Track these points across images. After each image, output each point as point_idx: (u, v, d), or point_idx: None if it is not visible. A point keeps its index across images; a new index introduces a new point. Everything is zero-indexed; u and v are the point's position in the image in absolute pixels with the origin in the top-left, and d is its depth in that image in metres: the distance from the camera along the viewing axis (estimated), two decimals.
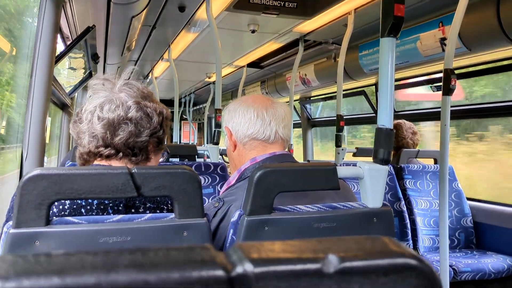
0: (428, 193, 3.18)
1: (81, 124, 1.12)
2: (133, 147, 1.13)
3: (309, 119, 5.48)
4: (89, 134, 1.11)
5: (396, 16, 1.25)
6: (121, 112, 1.10)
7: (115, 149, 1.11)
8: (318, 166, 1.16)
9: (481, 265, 2.61)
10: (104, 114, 1.09)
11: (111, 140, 1.10)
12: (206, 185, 2.27)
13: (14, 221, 0.88)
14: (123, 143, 1.11)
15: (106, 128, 1.09)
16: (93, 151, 1.11)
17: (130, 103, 1.11)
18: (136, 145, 1.13)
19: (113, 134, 1.09)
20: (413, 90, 4.24)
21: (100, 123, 1.09)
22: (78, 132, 1.13)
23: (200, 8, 3.01)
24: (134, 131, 1.11)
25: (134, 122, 1.11)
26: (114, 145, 1.10)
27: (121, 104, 1.10)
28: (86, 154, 1.13)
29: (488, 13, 2.38)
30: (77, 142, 1.16)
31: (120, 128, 1.10)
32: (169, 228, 0.97)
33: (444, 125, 2.12)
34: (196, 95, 7.81)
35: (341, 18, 3.09)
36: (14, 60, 2.34)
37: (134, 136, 1.11)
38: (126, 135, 1.10)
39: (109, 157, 1.12)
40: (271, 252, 0.30)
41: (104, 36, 3.40)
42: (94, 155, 1.12)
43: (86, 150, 1.12)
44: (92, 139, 1.10)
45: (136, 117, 1.11)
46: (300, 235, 1.11)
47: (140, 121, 1.12)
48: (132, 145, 1.12)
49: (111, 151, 1.11)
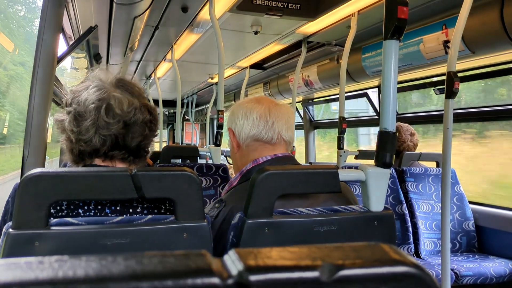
0: (430, 196, 3.16)
1: (86, 120, 1.06)
2: (142, 149, 1.14)
3: (311, 121, 5.47)
4: (101, 133, 1.06)
5: (399, 19, 1.24)
6: (138, 114, 1.09)
7: (129, 151, 1.11)
8: (319, 169, 1.15)
9: (483, 269, 2.60)
10: (117, 114, 1.06)
11: (128, 143, 1.09)
12: (207, 187, 2.26)
13: (14, 222, 0.87)
14: (137, 145, 1.11)
15: (123, 131, 1.07)
16: (106, 152, 1.08)
17: (141, 105, 1.11)
18: (145, 147, 1.14)
19: (130, 137, 1.09)
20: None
21: (115, 124, 1.06)
22: (82, 130, 1.06)
23: (203, 9, 3.01)
24: (148, 134, 1.12)
25: (148, 126, 1.12)
26: (130, 148, 1.10)
27: (133, 105, 1.09)
28: (89, 154, 1.10)
29: (491, 15, 2.37)
30: (76, 139, 1.08)
31: (136, 131, 1.09)
32: (169, 230, 0.97)
33: (446, 128, 2.11)
34: (198, 96, 7.81)
35: (344, 20, 3.08)
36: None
37: (146, 139, 1.13)
38: (141, 138, 1.11)
39: (116, 158, 1.11)
40: (268, 259, 0.29)
41: (107, 36, 3.40)
42: (103, 155, 1.09)
43: (92, 149, 1.08)
44: (104, 139, 1.06)
45: (149, 120, 1.12)
46: (300, 238, 1.10)
47: (151, 124, 1.14)
48: (142, 147, 1.13)
49: (125, 155, 1.10)
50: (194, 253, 0.29)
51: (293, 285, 0.28)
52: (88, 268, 0.25)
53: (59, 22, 1.97)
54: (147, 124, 1.12)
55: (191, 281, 0.26)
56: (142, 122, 1.10)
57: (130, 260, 0.27)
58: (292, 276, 0.28)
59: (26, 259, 0.26)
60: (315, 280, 0.28)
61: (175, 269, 0.26)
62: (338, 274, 0.29)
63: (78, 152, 1.11)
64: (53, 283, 0.24)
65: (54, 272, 0.24)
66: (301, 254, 0.31)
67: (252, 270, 0.28)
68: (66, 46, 3.33)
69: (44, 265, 0.25)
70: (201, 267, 0.27)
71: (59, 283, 0.24)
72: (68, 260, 0.26)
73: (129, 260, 0.26)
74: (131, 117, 1.08)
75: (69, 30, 3.28)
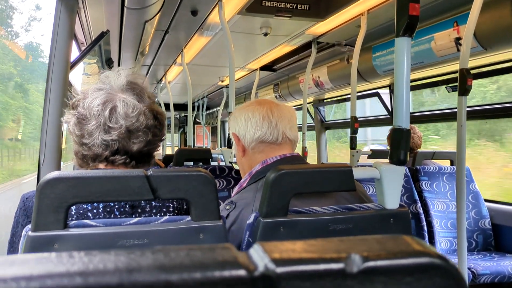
0: (445, 195, 3.14)
1: (89, 124, 1.05)
2: (146, 155, 1.13)
3: (322, 122, 5.46)
4: (103, 137, 1.05)
5: (411, 16, 1.24)
6: (142, 119, 1.07)
7: (131, 157, 1.09)
8: (334, 167, 1.15)
9: (500, 267, 2.57)
10: (120, 119, 1.05)
11: (129, 148, 1.07)
12: (220, 189, 2.27)
13: (33, 224, 0.89)
14: (139, 151, 1.09)
15: (125, 135, 1.05)
16: (107, 157, 1.07)
17: (146, 110, 1.09)
18: (148, 152, 1.13)
19: (131, 142, 1.07)
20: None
21: (117, 130, 1.04)
22: (84, 133, 1.06)
23: (212, 12, 3.02)
24: (151, 139, 1.10)
25: (152, 131, 1.10)
26: (132, 154, 1.09)
27: (137, 109, 1.07)
28: (91, 158, 1.08)
29: (504, 11, 2.34)
30: (79, 142, 1.08)
31: (138, 137, 1.07)
32: (186, 231, 0.97)
33: (460, 126, 2.09)
34: (209, 99, 7.84)
35: (354, 19, 3.08)
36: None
37: (149, 144, 1.11)
38: (144, 143, 1.09)
39: (118, 163, 1.09)
40: (293, 252, 0.30)
41: (118, 41, 3.43)
42: (104, 159, 1.08)
43: (94, 153, 1.07)
44: (106, 144, 1.05)
45: (152, 125, 1.10)
46: (316, 237, 1.09)
47: (155, 130, 1.11)
48: (145, 153, 1.12)
49: (127, 160, 1.09)
50: (220, 247, 0.29)
51: (319, 276, 0.28)
52: (117, 261, 0.25)
53: (72, 28, 1.99)
54: (150, 130, 1.09)
55: (218, 273, 0.26)
56: (145, 128, 1.08)
57: (158, 253, 0.27)
58: (318, 268, 0.28)
59: (57, 254, 0.26)
60: (341, 271, 0.28)
61: (202, 261, 0.27)
62: (364, 266, 0.29)
63: (82, 156, 1.10)
64: (84, 274, 0.24)
65: (84, 265, 0.25)
66: (325, 247, 0.31)
67: (278, 262, 0.28)
68: (78, 51, 3.37)
69: (74, 259, 0.26)
70: (227, 259, 0.28)
71: (90, 275, 0.24)
72: (98, 254, 0.26)
73: (156, 254, 0.27)
74: (134, 122, 1.06)
75: (81, 36, 3.31)
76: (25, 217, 1.09)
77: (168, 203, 1.14)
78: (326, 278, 0.28)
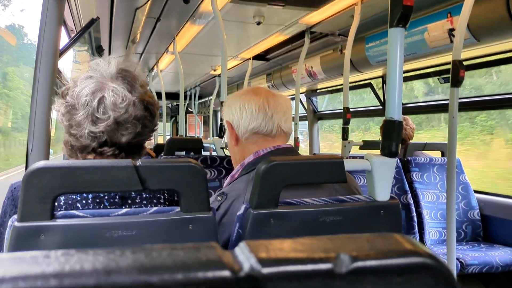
0: (435, 186, 3.16)
1: (77, 114, 1.02)
2: (135, 146, 1.11)
3: (315, 112, 5.45)
4: (90, 129, 1.02)
5: (405, 6, 1.23)
6: (131, 110, 1.04)
7: (119, 148, 1.07)
8: (325, 159, 1.14)
9: (489, 258, 2.60)
10: (108, 110, 1.02)
11: (117, 139, 1.05)
12: (212, 179, 2.26)
13: (19, 214, 0.87)
14: (128, 142, 1.07)
15: (112, 127, 1.03)
16: (95, 148, 1.05)
17: (136, 100, 1.06)
18: (138, 143, 1.11)
19: (119, 134, 1.05)
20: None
21: (105, 121, 1.02)
22: (72, 123, 1.04)
23: (205, 0, 2.98)
24: (140, 131, 1.08)
25: (141, 123, 1.07)
26: (120, 145, 1.06)
27: (127, 100, 1.04)
28: (79, 149, 1.07)
29: (497, 2, 2.34)
30: (68, 132, 1.06)
31: (127, 128, 1.05)
32: (175, 222, 0.96)
33: (452, 117, 2.09)
34: (201, 88, 7.79)
35: (347, 9, 3.06)
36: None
37: (139, 135, 1.09)
38: (133, 135, 1.07)
39: (106, 155, 1.07)
40: (280, 251, 0.29)
41: (109, 28, 3.38)
42: (92, 151, 1.06)
43: (82, 144, 1.05)
44: (93, 135, 1.03)
45: (142, 116, 1.07)
46: (306, 228, 1.09)
47: (145, 121, 1.09)
48: (135, 144, 1.10)
49: (116, 151, 1.07)
50: (204, 246, 0.28)
51: (307, 277, 0.27)
52: (95, 261, 0.24)
53: (61, 15, 1.95)
54: (140, 121, 1.07)
55: (201, 274, 0.25)
56: (134, 119, 1.05)
57: (138, 253, 0.26)
58: (305, 268, 0.27)
59: (32, 253, 0.25)
60: (329, 272, 0.28)
61: (185, 261, 0.25)
62: (352, 266, 0.28)
63: (71, 146, 1.08)
64: (60, 276, 0.23)
65: (60, 266, 0.24)
66: (314, 246, 0.30)
67: (264, 263, 0.27)
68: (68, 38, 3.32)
69: (50, 259, 0.24)
70: (211, 259, 0.26)
71: (66, 276, 0.23)
72: (75, 254, 0.25)
73: (137, 253, 0.26)
74: (123, 113, 1.03)
75: (71, 23, 3.26)
76: (13, 207, 1.07)
77: (159, 194, 1.13)
78: (314, 279, 0.27)
